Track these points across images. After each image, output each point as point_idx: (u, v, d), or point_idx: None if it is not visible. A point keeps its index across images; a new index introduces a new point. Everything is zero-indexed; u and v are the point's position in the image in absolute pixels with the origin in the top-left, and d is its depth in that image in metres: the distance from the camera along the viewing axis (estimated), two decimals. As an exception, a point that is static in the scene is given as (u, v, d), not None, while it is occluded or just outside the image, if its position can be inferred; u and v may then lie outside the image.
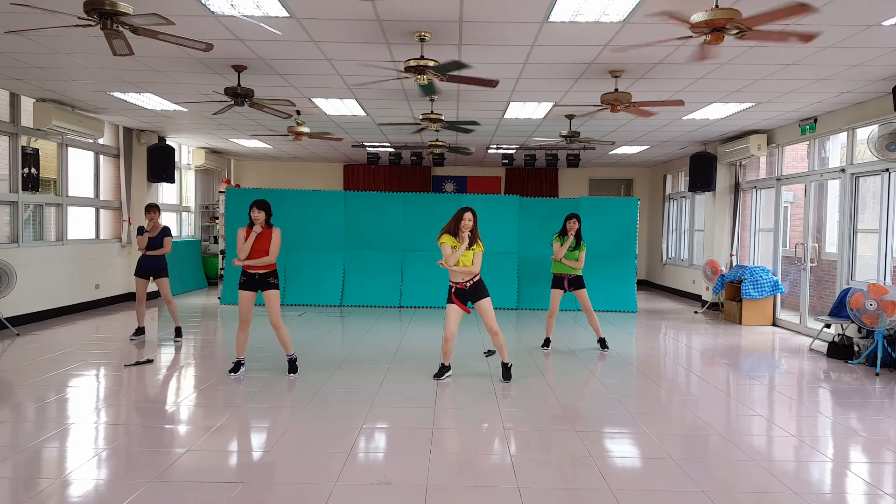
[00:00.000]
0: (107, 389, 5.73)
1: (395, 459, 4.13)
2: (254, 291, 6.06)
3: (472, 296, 6.00)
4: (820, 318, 8.09)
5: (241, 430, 4.68)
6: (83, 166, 10.51)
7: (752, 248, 11.28)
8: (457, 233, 5.90)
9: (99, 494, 3.54)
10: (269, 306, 6.07)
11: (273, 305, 6.06)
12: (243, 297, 6.04)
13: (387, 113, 9.34)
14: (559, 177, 16.35)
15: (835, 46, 5.82)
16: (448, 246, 5.87)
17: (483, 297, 6.01)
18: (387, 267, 11.48)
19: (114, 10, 4.45)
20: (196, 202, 14.51)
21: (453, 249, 5.86)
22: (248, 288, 6.05)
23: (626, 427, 4.87)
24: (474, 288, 6.00)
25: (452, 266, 5.85)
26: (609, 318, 10.20)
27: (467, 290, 5.98)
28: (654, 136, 11.07)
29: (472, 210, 5.97)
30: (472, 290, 5.99)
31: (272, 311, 6.08)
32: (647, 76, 6.91)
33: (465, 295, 6.00)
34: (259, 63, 6.71)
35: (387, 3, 4.97)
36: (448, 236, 5.91)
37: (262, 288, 6.05)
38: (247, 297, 6.04)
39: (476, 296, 6.00)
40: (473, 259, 5.93)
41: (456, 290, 5.99)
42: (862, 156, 8.34)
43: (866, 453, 4.49)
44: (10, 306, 8.22)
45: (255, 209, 6.00)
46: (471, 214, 5.92)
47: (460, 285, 5.97)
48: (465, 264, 5.90)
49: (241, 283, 6.07)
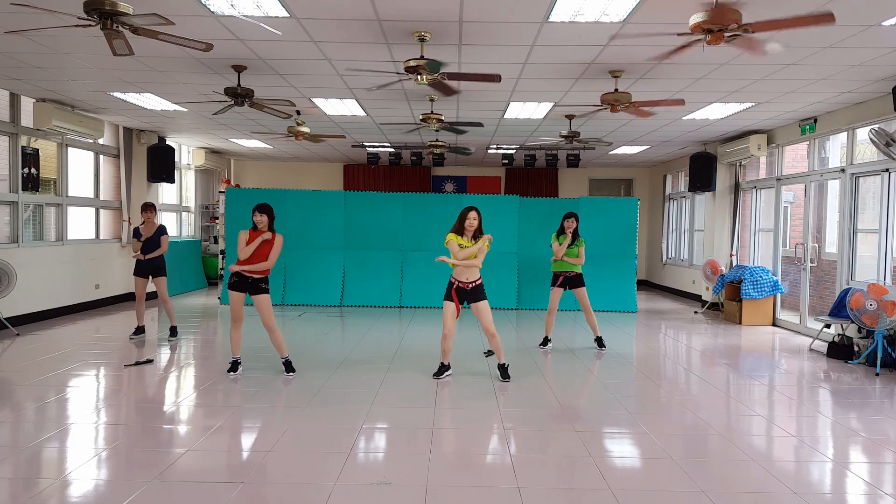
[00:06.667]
0: (107, 389, 5.73)
1: (395, 459, 4.13)
2: (243, 293, 6.04)
3: (471, 297, 6.01)
4: (820, 319, 8.08)
5: (240, 430, 4.67)
6: (83, 166, 10.51)
7: (752, 248, 11.27)
8: (462, 232, 5.93)
9: (99, 494, 3.55)
10: (260, 310, 6.06)
11: (264, 309, 6.04)
12: (233, 296, 6.03)
13: (387, 113, 9.35)
14: (559, 177, 16.35)
15: (835, 46, 5.82)
16: (455, 244, 5.90)
17: (481, 298, 6.03)
18: (387, 267, 11.48)
19: (114, 10, 4.46)
20: (196, 202, 14.51)
21: (461, 248, 5.88)
22: (238, 289, 6.03)
23: (625, 427, 4.87)
24: (475, 289, 6.01)
25: (461, 260, 5.87)
26: (609, 319, 10.20)
27: (468, 290, 6.00)
28: (654, 136, 11.07)
29: (477, 209, 5.99)
30: (473, 291, 6.01)
31: (264, 314, 6.06)
32: (647, 76, 6.91)
33: (465, 295, 6.01)
34: (259, 63, 6.71)
35: (387, 3, 4.97)
36: (454, 235, 5.95)
37: (252, 292, 6.03)
38: (236, 297, 6.03)
39: (475, 297, 6.02)
40: (477, 253, 5.95)
41: (457, 289, 6.00)
42: (862, 156, 8.35)
43: (866, 453, 4.49)
44: (10, 306, 8.22)
45: (258, 213, 5.99)
46: (475, 213, 5.95)
47: (462, 284, 5.98)
48: (470, 257, 5.92)
49: (230, 283, 6.05)
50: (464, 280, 5.98)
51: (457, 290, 6.01)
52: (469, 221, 5.90)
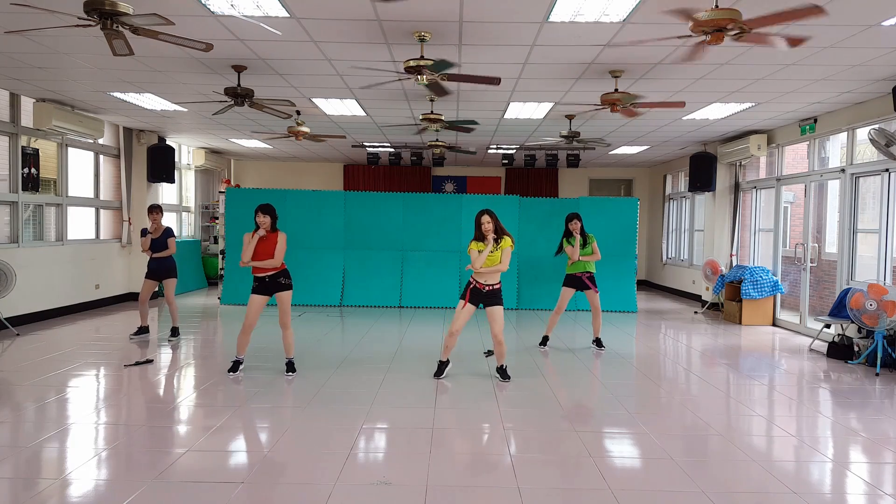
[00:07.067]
0: (107, 389, 5.73)
1: (395, 459, 4.13)
2: (267, 295, 6.10)
3: (486, 300, 6.01)
4: (820, 319, 8.08)
5: (241, 430, 4.67)
6: (83, 166, 10.50)
7: (752, 248, 11.27)
8: (482, 238, 5.95)
9: (99, 494, 3.55)
10: (280, 307, 6.11)
11: (285, 306, 6.11)
12: (254, 300, 6.06)
13: (387, 113, 9.35)
14: (559, 177, 16.35)
15: (835, 46, 5.82)
16: (475, 251, 5.92)
17: (497, 304, 6.01)
18: (387, 267, 11.48)
19: (114, 10, 4.45)
20: (196, 202, 14.51)
21: (479, 253, 5.89)
22: (262, 292, 6.08)
23: (626, 427, 4.87)
24: (492, 293, 6.01)
25: (479, 268, 5.89)
26: (609, 319, 10.20)
27: (483, 293, 6.00)
28: (654, 136, 11.07)
29: (489, 211, 5.98)
30: (489, 294, 6.00)
31: (283, 312, 6.12)
32: (648, 76, 6.91)
33: (480, 297, 6.01)
34: (259, 63, 6.71)
35: (387, 3, 4.96)
36: (475, 243, 5.97)
37: (274, 290, 6.09)
38: (258, 301, 6.06)
39: (490, 301, 6.00)
40: (501, 256, 5.93)
41: (474, 288, 6.00)
42: (862, 156, 8.34)
43: (866, 453, 4.50)
44: (10, 306, 8.22)
45: (261, 214, 6.03)
46: (487, 216, 5.95)
47: (479, 286, 5.99)
48: (494, 262, 5.92)
49: (253, 289, 6.10)
50: (482, 282, 5.98)
51: (473, 290, 6.01)
52: (484, 226, 5.91)
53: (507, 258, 5.93)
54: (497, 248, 5.92)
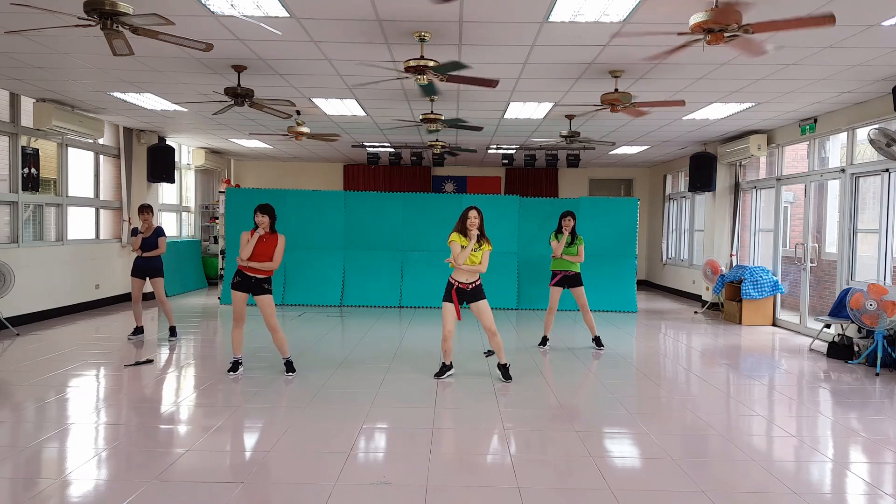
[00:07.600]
0: (106, 389, 5.73)
1: (395, 459, 4.13)
2: (246, 293, 6.05)
3: (470, 297, 6.02)
4: (820, 319, 8.08)
5: (240, 430, 4.67)
6: (83, 166, 10.50)
7: (752, 248, 11.27)
8: (465, 231, 5.93)
9: (99, 494, 3.55)
10: (263, 311, 6.06)
11: (267, 310, 6.05)
12: (236, 296, 6.04)
13: (387, 113, 9.35)
14: (559, 177, 16.35)
15: (835, 46, 5.82)
16: (457, 244, 5.90)
17: (481, 298, 6.04)
18: (387, 267, 11.48)
19: (114, 10, 4.45)
20: (196, 202, 14.51)
21: (462, 249, 5.88)
22: (241, 289, 6.03)
23: (625, 427, 4.87)
24: (475, 290, 6.02)
25: (461, 265, 5.87)
26: (609, 318, 10.20)
27: (468, 291, 6.00)
28: (654, 136, 11.07)
29: (477, 208, 5.98)
30: (473, 291, 6.02)
31: (267, 314, 6.07)
32: (648, 76, 6.91)
33: (465, 295, 6.01)
34: (259, 63, 6.71)
35: (387, 3, 4.97)
36: (457, 235, 5.94)
37: (254, 292, 6.03)
38: (239, 297, 6.04)
39: (474, 297, 6.03)
40: (482, 258, 5.95)
41: (457, 289, 6.00)
42: (862, 156, 8.34)
43: (866, 453, 4.49)
44: (10, 306, 8.22)
45: (259, 214, 6.01)
46: (476, 212, 5.94)
47: (462, 285, 5.99)
48: (474, 262, 5.93)
49: (233, 283, 6.05)
50: (463, 281, 5.99)
51: (457, 290, 6.01)
52: (470, 220, 5.90)
53: (486, 260, 5.98)
54: (479, 248, 5.93)
